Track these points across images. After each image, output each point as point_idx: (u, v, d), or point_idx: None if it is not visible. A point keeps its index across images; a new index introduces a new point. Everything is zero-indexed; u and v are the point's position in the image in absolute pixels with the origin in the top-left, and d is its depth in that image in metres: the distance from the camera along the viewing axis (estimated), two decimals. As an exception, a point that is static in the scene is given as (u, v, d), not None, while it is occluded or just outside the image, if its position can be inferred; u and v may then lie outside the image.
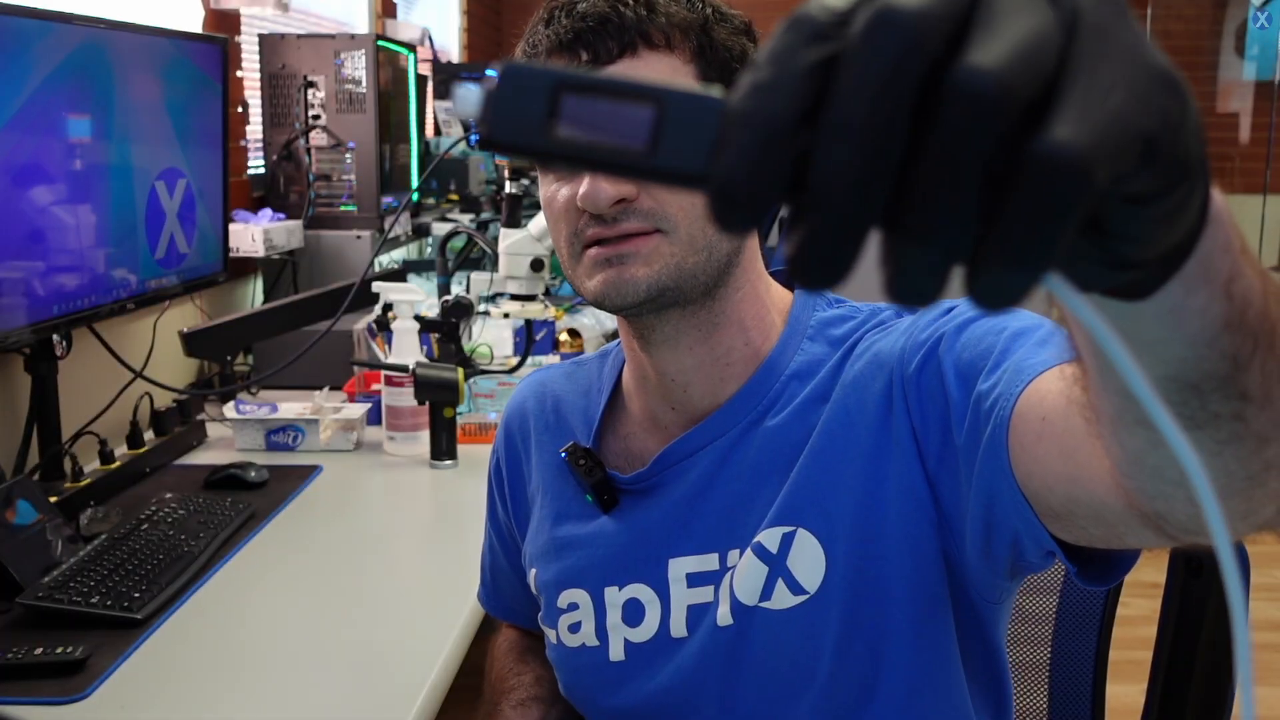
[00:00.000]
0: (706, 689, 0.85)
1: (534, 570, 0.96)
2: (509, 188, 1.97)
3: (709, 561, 0.85)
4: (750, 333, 0.86)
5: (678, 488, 0.88)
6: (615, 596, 0.89)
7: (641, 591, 0.88)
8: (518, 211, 1.98)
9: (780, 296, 0.90)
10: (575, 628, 0.91)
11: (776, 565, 0.81)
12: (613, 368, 0.96)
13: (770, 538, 0.82)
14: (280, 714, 1.07)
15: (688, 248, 0.80)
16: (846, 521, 0.80)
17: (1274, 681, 2.78)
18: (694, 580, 0.86)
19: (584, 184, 0.79)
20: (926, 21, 0.27)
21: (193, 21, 2.29)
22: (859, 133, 0.27)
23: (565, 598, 0.92)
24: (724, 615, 0.84)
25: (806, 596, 0.81)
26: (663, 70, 0.80)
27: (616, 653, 0.89)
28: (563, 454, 0.91)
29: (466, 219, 3.18)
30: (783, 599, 0.81)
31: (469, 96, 0.31)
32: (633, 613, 0.88)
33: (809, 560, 0.81)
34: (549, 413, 0.98)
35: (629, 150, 0.30)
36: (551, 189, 0.83)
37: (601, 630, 0.90)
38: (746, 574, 0.82)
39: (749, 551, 0.83)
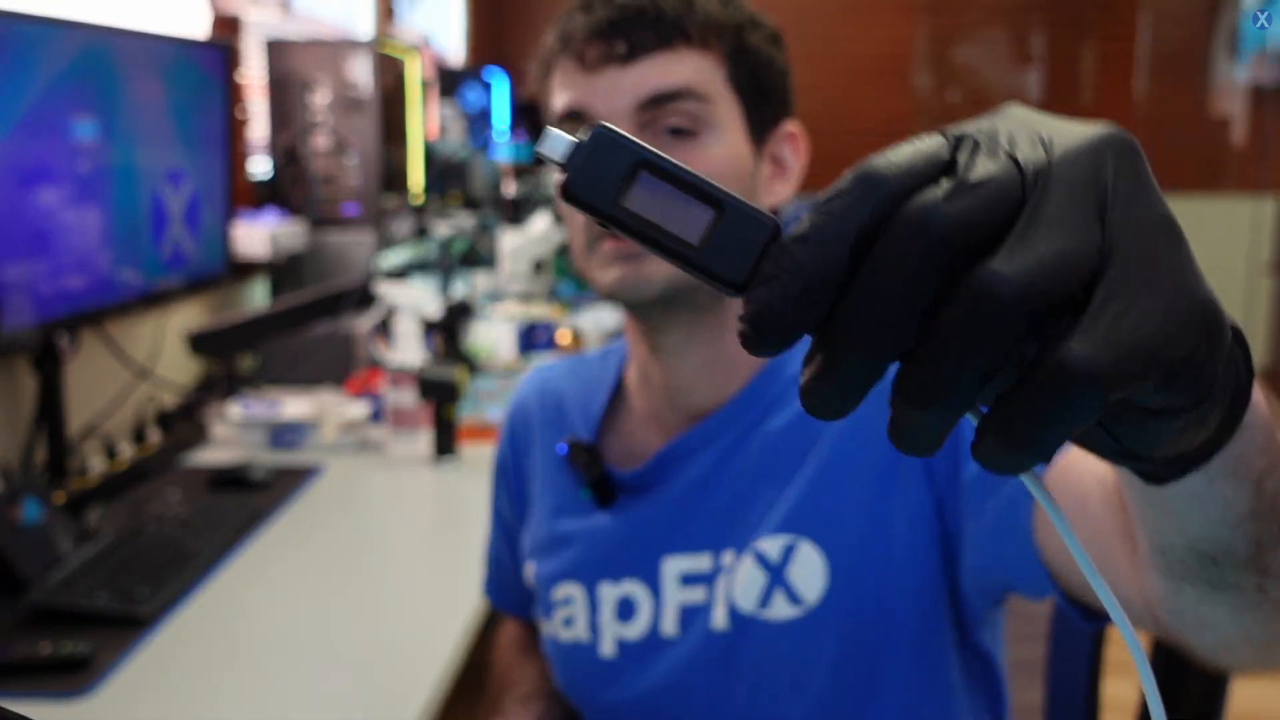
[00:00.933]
0: (697, 691, 0.85)
1: (531, 564, 0.96)
2: (511, 190, 1.98)
3: (702, 561, 0.85)
4: None
5: (676, 486, 0.88)
6: (609, 592, 0.89)
7: (635, 588, 0.88)
8: (519, 213, 1.99)
9: None
10: (569, 622, 0.91)
11: (776, 574, 0.81)
12: (615, 365, 0.97)
13: (772, 546, 0.82)
14: (283, 711, 1.08)
15: None
16: (852, 536, 0.81)
17: (1273, 680, 2.79)
18: (688, 580, 0.85)
19: None
20: (961, 230, 0.28)
21: (198, 27, 2.31)
22: (883, 305, 0.28)
23: (560, 591, 0.92)
24: (719, 620, 0.84)
25: (806, 608, 0.81)
26: (696, 67, 0.80)
27: (607, 650, 0.89)
28: (561, 449, 0.92)
29: (469, 220, 3.19)
30: (781, 609, 0.81)
31: (557, 144, 0.33)
32: (625, 610, 0.88)
33: (810, 572, 0.81)
34: (551, 408, 0.98)
35: (683, 241, 0.32)
36: None
37: (594, 626, 0.90)
38: (745, 580, 0.82)
39: (748, 557, 0.83)
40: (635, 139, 0.33)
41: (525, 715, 1.00)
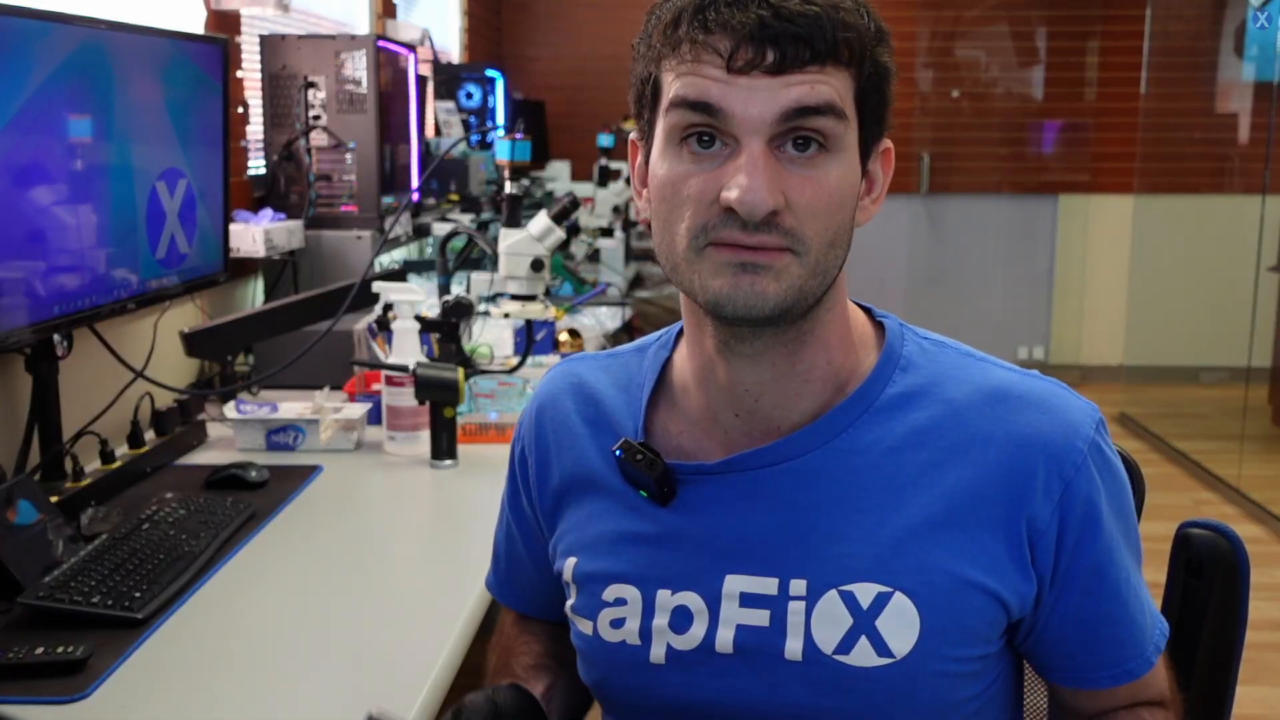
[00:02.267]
0: (753, 713, 0.85)
1: (573, 559, 0.93)
2: (509, 188, 1.97)
3: (768, 585, 0.84)
4: (833, 352, 0.85)
5: (745, 497, 0.85)
6: (667, 600, 0.87)
7: (692, 600, 0.86)
8: (518, 211, 1.98)
9: (858, 318, 0.90)
10: (618, 623, 0.89)
11: (864, 621, 0.81)
12: (654, 362, 0.94)
13: (864, 591, 0.81)
14: (280, 713, 1.08)
15: (812, 271, 0.79)
16: (947, 595, 0.81)
17: (1274, 681, 2.78)
18: (747, 600, 0.84)
19: (739, 184, 0.75)
20: None
21: (194, 22, 2.30)
22: None
23: (613, 592, 0.90)
24: (794, 650, 0.82)
25: (893, 660, 0.81)
26: (839, 85, 0.78)
27: (657, 655, 0.87)
28: (617, 451, 0.88)
29: (467, 219, 3.18)
30: (866, 657, 0.81)
31: None
32: (680, 619, 0.86)
33: (901, 624, 0.81)
34: (588, 406, 0.95)
35: None
36: (680, 170, 0.79)
37: (646, 631, 0.88)
38: (828, 618, 0.82)
39: (832, 594, 0.82)
40: None
41: (535, 682, 0.99)
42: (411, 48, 2.97)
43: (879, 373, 0.86)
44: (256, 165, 2.65)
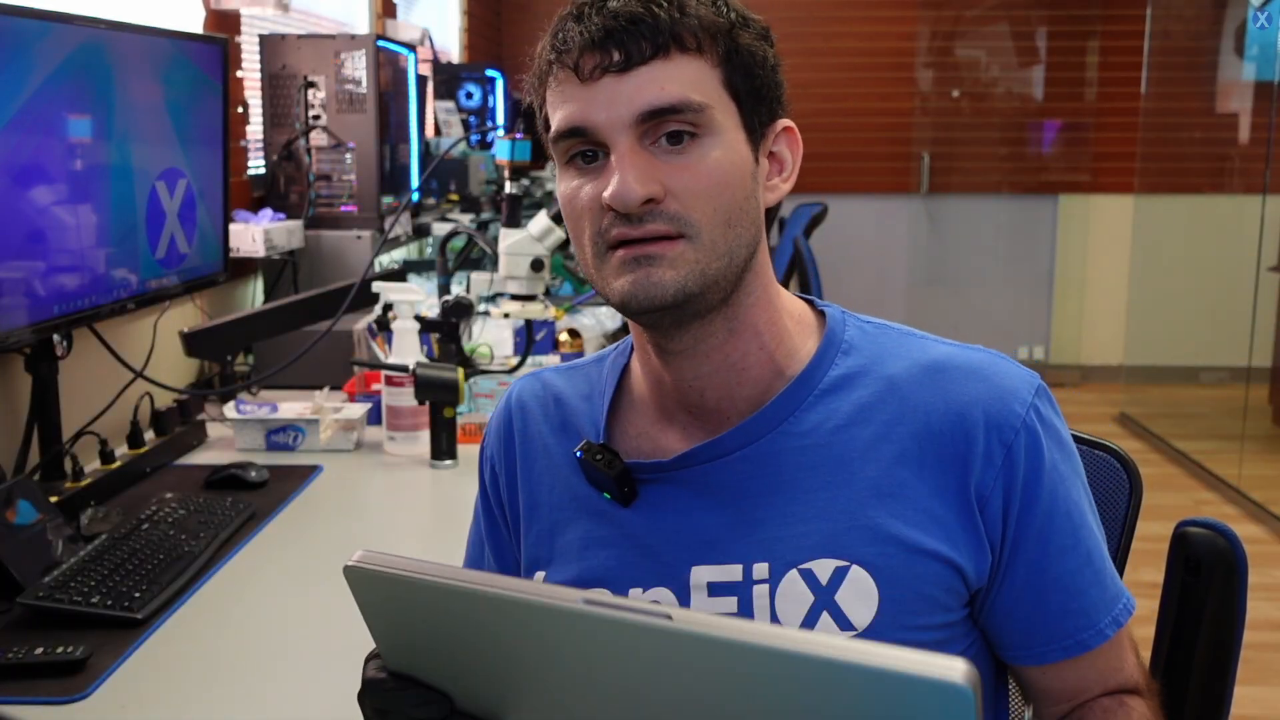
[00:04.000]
0: None
1: (541, 573, 0.94)
2: (509, 188, 1.97)
3: (732, 572, 0.85)
4: (764, 338, 0.87)
5: (703, 490, 0.87)
6: (640, 598, 0.88)
7: (663, 595, 0.87)
8: (518, 211, 1.98)
9: (792, 304, 0.91)
10: None
11: (824, 597, 0.82)
12: (612, 370, 0.96)
13: (821, 568, 0.82)
14: (280, 714, 1.08)
15: (710, 253, 0.81)
16: (903, 565, 0.82)
17: (1274, 681, 2.78)
18: (715, 589, 0.85)
19: (613, 182, 0.79)
20: None
21: (193, 22, 2.30)
22: None
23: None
24: None
25: (854, 633, 0.82)
26: (692, 75, 0.81)
27: None
28: (578, 453, 0.90)
29: (466, 219, 3.18)
30: (829, 631, 0.82)
31: None
32: None
33: (860, 596, 0.82)
34: (552, 413, 0.97)
35: None
36: (573, 185, 0.83)
37: None
38: (791, 597, 0.83)
39: (793, 574, 0.83)
40: None
41: None
42: (411, 48, 2.97)
43: (820, 357, 0.88)
44: (256, 165, 2.65)
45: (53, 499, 1.45)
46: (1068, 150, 5.87)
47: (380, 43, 2.59)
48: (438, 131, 3.76)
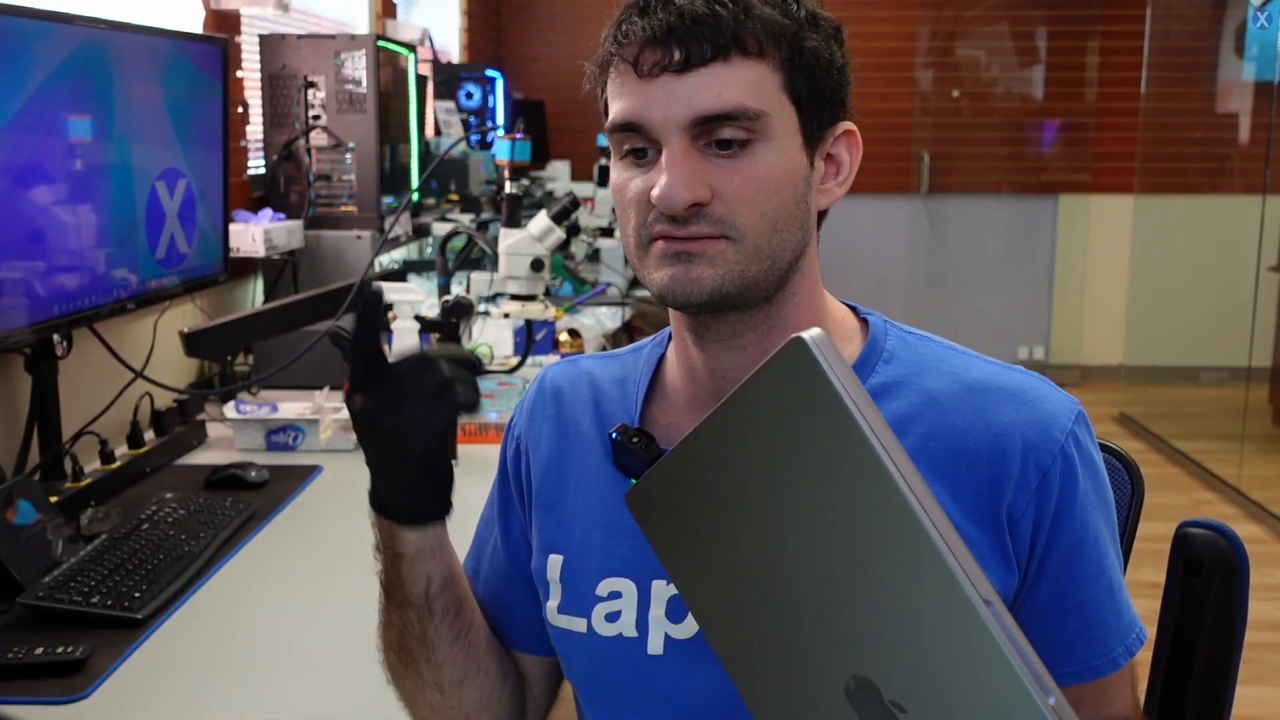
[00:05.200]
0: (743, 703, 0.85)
1: (558, 557, 0.93)
2: (509, 188, 1.97)
3: None
4: None
5: None
6: (662, 590, 0.87)
7: None
8: (518, 211, 1.98)
9: (836, 308, 0.91)
10: (613, 616, 0.89)
11: None
12: (649, 359, 0.95)
13: None
14: (280, 714, 1.08)
15: (752, 256, 0.81)
16: None
17: (1274, 681, 2.78)
18: None
19: (660, 182, 0.79)
20: None
21: (193, 22, 2.30)
22: None
23: (607, 585, 0.90)
24: None
25: None
26: (751, 79, 0.80)
27: (655, 646, 0.87)
28: (614, 434, 0.90)
29: (467, 219, 3.18)
30: None
31: None
32: (676, 608, 0.87)
33: None
34: (585, 396, 0.96)
35: None
36: (623, 176, 0.84)
37: (643, 622, 0.88)
38: None
39: None
40: None
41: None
42: (411, 48, 2.97)
43: (861, 362, 0.88)
44: (256, 165, 2.65)
45: (53, 499, 1.45)
46: (1068, 150, 5.88)
47: (380, 43, 2.59)
48: (438, 131, 3.76)
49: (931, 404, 0.85)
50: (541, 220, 1.95)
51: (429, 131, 3.71)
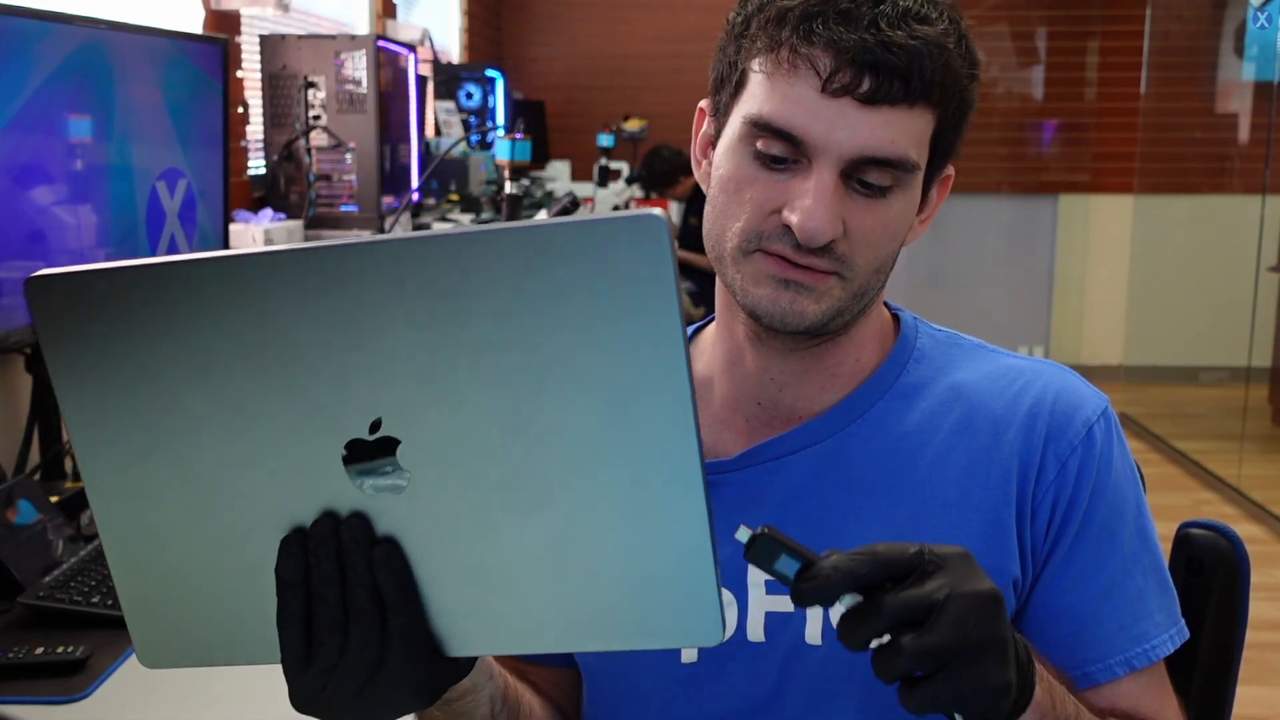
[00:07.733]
0: (790, 703, 0.84)
1: None
2: (509, 188, 1.97)
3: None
4: (863, 351, 0.86)
5: (766, 488, 0.85)
6: None
7: (722, 593, 0.86)
8: (518, 211, 1.98)
9: (883, 314, 0.90)
10: None
11: None
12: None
13: None
14: (280, 714, 1.07)
15: (854, 293, 0.80)
16: None
17: (1274, 681, 2.78)
18: (773, 586, 0.84)
19: (802, 210, 0.75)
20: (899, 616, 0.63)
21: (193, 22, 2.30)
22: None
23: None
24: (813, 634, 0.82)
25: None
26: (921, 127, 0.77)
27: (689, 655, 0.86)
28: None
29: (466, 219, 3.19)
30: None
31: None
32: None
33: None
34: None
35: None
36: (747, 172, 0.78)
37: None
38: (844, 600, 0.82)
39: None
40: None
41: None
42: (411, 48, 2.97)
43: (893, 361, 0.87)
44: (256, 165, 2.65)
45: (53, 499, 1.44)
46: (1068, 150, 5.88)
47: (380, 43, 2.59)
48: (438, 131, 3.76)
49: (959, 397, 0.85)
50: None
51: (429, 131, 3.71)
